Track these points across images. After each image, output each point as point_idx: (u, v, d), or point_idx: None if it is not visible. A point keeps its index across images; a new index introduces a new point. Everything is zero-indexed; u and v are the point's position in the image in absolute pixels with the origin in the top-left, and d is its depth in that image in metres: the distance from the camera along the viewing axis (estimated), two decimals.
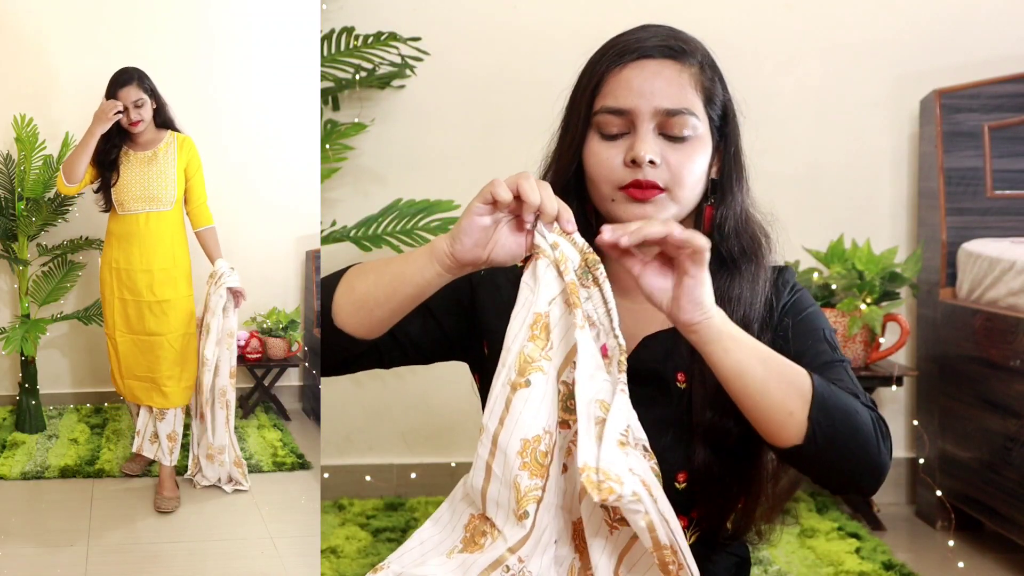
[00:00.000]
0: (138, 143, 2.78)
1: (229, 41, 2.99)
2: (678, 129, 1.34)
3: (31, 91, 2.86)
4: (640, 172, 1.33)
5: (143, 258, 2.79)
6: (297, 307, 3.07)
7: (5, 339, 2.84)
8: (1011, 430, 2.99)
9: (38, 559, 2.67)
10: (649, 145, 1.33)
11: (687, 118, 1.34)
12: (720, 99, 1.41)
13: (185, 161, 2.81)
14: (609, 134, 1.35)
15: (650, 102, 1.34)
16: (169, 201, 2.79)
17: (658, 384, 1.38)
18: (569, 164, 1.39)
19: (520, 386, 1.19)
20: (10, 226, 2.87)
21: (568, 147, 1.39)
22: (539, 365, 1.20)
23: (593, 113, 1.36)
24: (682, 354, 1.39)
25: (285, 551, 2.77)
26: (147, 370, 2.82)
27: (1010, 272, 3.09)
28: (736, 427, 1.34)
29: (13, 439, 2.93)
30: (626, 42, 1.38)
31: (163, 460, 2.85)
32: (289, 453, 3.02)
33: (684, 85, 1.36)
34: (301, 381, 3.18)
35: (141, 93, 2.75)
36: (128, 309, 2.81)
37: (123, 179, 2.77)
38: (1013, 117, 3.46)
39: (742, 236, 1.42)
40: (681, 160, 1.34)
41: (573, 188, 1.40)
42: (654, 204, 1.34)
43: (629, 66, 1.36)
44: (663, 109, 1.34)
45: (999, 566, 3.13)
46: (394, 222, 3.23)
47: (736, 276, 1.40)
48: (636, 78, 1.35)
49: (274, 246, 3.06)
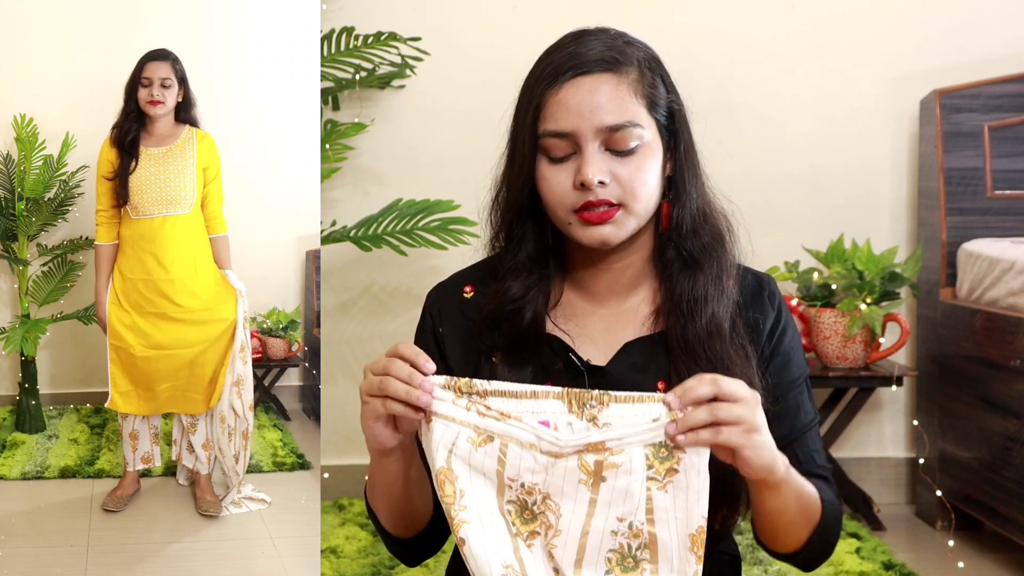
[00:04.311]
0: (153, 134, 2.68)
1: (229, 41, 2.99)
2: (624, 143, 1.32)
3: (31, 91, 2.86)
4: (591, 194, 1.32)
5: (161, 267, 2.69)
6: (297, 307, 3.07)
7: (5, 339, 2.84)
8: (1011, 430, 2.99)
9: (38, 559, 2.67)
10: (595, 166, 1.31)
11: (631, 130, 1.32)
12: (663, 100, 1.37)
13: (206, 161, 2.71)
14: (556, 157, 1.34)
15: (591, 121, 1.32)
16: (188, 203, 2.69)
17: (637, 391, 1.38)
18: (521, 189, 1.37)
19: (461, 544, 1.19)
20: (10, 226, 2.87)
21: (518, 173, 1.37)
22: (461, 518, 1.19)
23: (537, 136, 1.35)
24: (661, 361, 1.38)
25: (285, 551, 2.77)
26: (171, 380, 2.74)
27: (1010, 272, 3.09)
28: None
29: (13, 439, 2.93)
30: (559, 59, 1.36)
31: (201, 470, 2.80)
32: (289, 453, 3.02)
33: (623, 97, 1.33)
34: (301, 381, 3.18)
35: (171, 74, 2.66)
36: (143, 322, 2.71)
37: (137, 176, 2.67)
38: (1013, 117, 3.46)
39: (702, 232, 1.40)
40: (631, 173, 1.33)
41: (528, 209, 1.39)
42: (613, 224, 1.33)
43: (565, 86, 1.33)
44: (606, 126, 1.32)
45: (999, 566, 3.13)
46: (394, 222, 3.23)
47: (700, 274, 1.39)
48: (573, 98, 1.32)
49: (274, 246, 3.06)
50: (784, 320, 1.44)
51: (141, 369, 2.72)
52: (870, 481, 3.65)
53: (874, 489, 3.60)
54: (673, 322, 1.38)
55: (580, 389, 1.21)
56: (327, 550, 3.06)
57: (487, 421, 1.21)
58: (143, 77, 2.66)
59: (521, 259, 1.40)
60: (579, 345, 1.40)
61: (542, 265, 1.41)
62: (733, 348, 1.37)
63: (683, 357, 1.37)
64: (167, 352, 2.72)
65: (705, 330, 1.37)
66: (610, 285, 1.42)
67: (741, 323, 1.40)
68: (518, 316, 1.38)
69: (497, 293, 1.40)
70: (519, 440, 1.20)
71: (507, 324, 1.39)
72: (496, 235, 1.44)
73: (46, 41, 2.86)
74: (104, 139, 2.71)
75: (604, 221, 1.33)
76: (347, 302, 3.64)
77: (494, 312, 1.40)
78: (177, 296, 2.70)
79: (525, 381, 1.36)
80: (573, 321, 1.41)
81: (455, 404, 1.22)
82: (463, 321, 1.45)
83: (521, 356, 1.38)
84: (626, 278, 1.42)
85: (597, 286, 1.42)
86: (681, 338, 1.37)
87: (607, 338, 1.40)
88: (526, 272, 1.40)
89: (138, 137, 2.66)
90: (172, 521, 2.82)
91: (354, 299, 3.65)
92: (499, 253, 1.44)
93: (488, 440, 1.21)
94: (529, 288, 1.39)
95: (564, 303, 1.43)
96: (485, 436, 1.21)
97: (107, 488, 2.84)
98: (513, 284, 1.39)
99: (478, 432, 1.21)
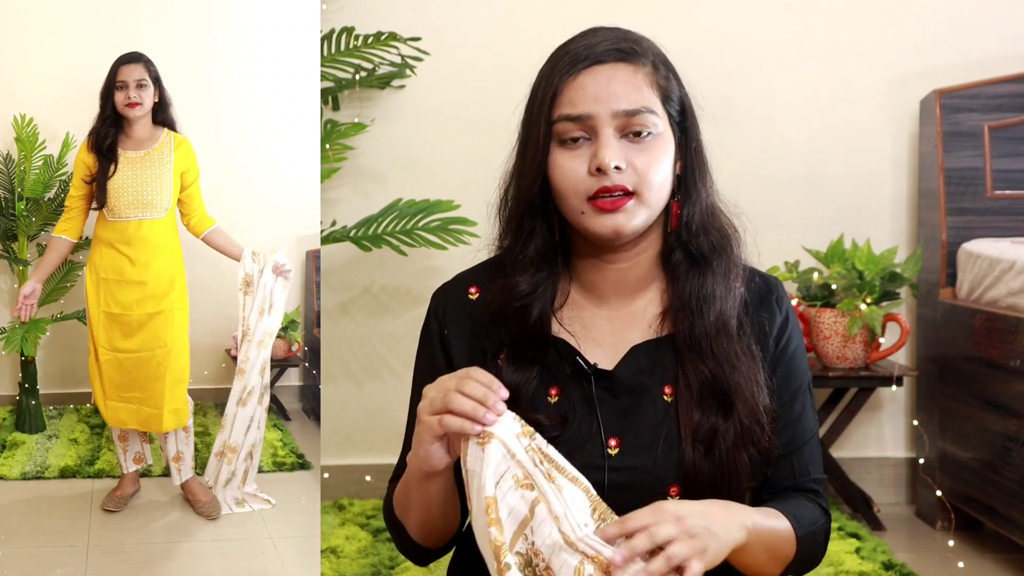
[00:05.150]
0: (132, 137, 2.68)
1: (229, 41, 2.99)
2: (639, 129, 1.34)
3: (31, 91, 2.86)
4: (607, 179, 1.32)
5: (135, 269, 2.69)
6: (297, 307, 3.07)
7: (5, 339, 2.84)
8: (1011, 430, 2.99)
9: (38, 559, 2.67)
10: (612, 151, 1.32)
11: (647, 116, 1.34)
12: (677, 95, 1.39)
13: (183, 166, 2.71)
14: (571, 139, 1.35)
15: (608, 106, 1.33)
16: (164, 207, 2.69)
17: (644, 394, 1.38)
18: (533, 181, 1.38)
19: (504, 571, 1.18)
20: (10, 226, 2.87)
21: (531, 163, 1.38)
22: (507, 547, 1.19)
23: (552, 122, 1.36)
24: (667, 365, 1.39)
25: (285, 551, 2.77)
26: (137, 390, 2.72)
27: (1010, 272, 3.09)
28: (723, 427, 1.35)
29: (13, 439, 2.93)
30: (576, 49, 1.37)
31: (176, 480, 2.80)
32: (289, 453, 3.02)
33: (640, 85, 1.35)
34: (301, 381, 3.18)
35: (145, 75, 2.65)
36: (113, 324, 2.70)
37: (115, 180, 2.66)
38: (1013, 117, 3.46)
39: (710, 231, 1.41)
40: (647, 160, 1.34)
41: (539, 204, 1.39)
42: (625, 212, 1.33)
43: (583, 73, 1.35)
44: (622, 111, 1.33)
45: (999, 566, 3.13)
46: (394, 222, 3.23)
47: (708, 273, 1.39)
48: (591, 84, 1.34)
49: (274, 246, 3.06)
50: (791, 325, 1.45)
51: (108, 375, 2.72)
52: (870, 481, 3.65)
53: (874, 489, 3.60)
54: (680, 321, 1.38)
55: (606, 507, 1.22)
56: (327, 550, 3.06)
57: (536, 471, 1.21)
58: (118, 80, 2.66)
59: (530, 255, 1.40)
60: (585, 348, 1.39)
61: (551, 262, 1.41)
62: (740, 347, 1.38)
63: (690, 356, 1.37)
64: (132, 355, 2.72)
65: (712, 328, 1.37)
66: (617, 285, 1.42)
67: (748, 324, 1.41)
68: (525, 313, 1.38)
69: (504, 289, 1.40)
70: (550, 505, 1.20)
71: (513, 321, 1.39)
72: (504, 232, 1.44)
73: (46, 41, 2.86)
74: (82, 143, 2.71)
75: (617, 208, 1.33)
76: (347, 302, 3.64)
77: (501, 308, 1.40)
78: (147, 300, 2.71)
79: (531, 383, 1.37)
80: (579, 322, 1.41)
81: (517, 439, 1.22)
82: (468, 323, 1.44)
83: (527, 358, 1.38)
84: (633, 278, 1.42)
85: (604, 285, 1.42)
86: (688, 336, 1.37)
87: (613, 341, 1.40)
88: (534, 268, 1.40)
89: (116, 141, 2.66)
90: (172, 521, 2.82)
91: (354, 299, 3.65)
92: (505, 251, 1.44)
93: (529, 487, 1.21)
94: (537, 285, 1.39)
95: (570, 303, 1.43)
96: (528, 483, 1.21)
97: (107, 487, 2.84)
98: (521, 280, 1.39)
99: (525, 475, 1.21)
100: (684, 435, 1.35)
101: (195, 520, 2.82)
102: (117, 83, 2.67)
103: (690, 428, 1.35)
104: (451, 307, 1.46)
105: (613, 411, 1.37)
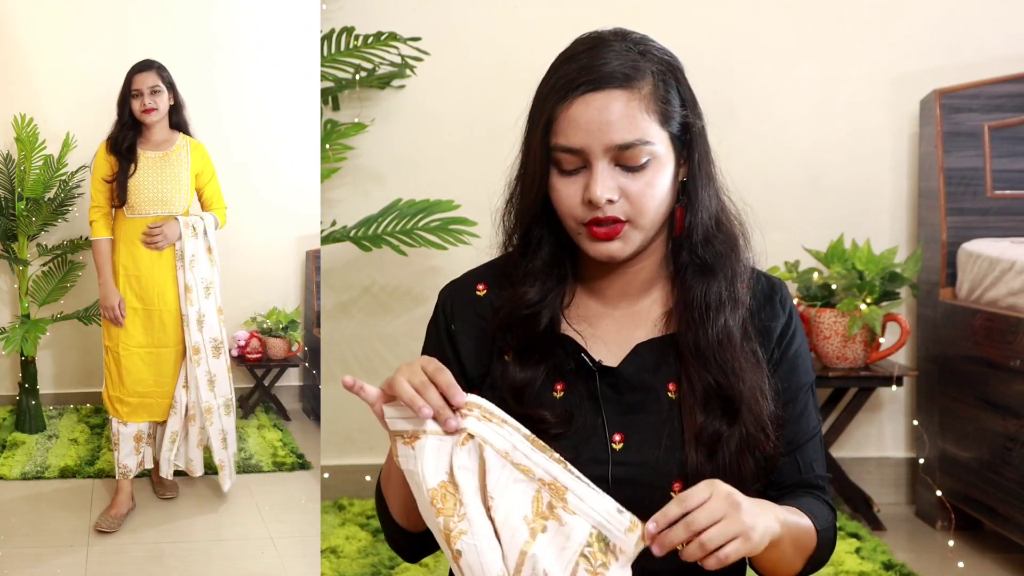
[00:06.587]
0: (151, 140, 2.74)
1: (229, 41, 2.99)
2: (634, 161, 1.32)
3: (31, 91, 2.86)
4: (599, 211, 1.32)
5: (153, 264, 2.76)
6: (297, 307, 3.07)
7: (5, 339, 2.84)
8: (1011, 430, 2.99)
9: (38, 559, 2.67)
10: (604, 184, 1.31)
11: (641, 148, 1.31)
12: (677, 114, 1.36)
13: (198, 167, 2.78)
14: (567, 170, 1.34)
15: (600, 139, 1.31)
16: (182, 205, 2.76)
17: (648, 392, 1.39)
18: (536, 198, 1.38)
19: (457, 557, 1.18)
20: (10, 226, 2.87)
21: (531, 183, 1.38)
22: (461, 528, 1.19)
23: (549, 148, 1.35)
24: (672, 363, 1.39)
25: (285, 551, 2.77)
26: (153, 384, 2.78)
27: (1010, 272, 3.09)
28: (727, 433, 1.35)
29: (13, 439, 2.93)
30: (571, 72, 1.34)
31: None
32: (289, 453, 3.03)
33: (634, 114, 1.32)
34: (301, 381, 3.18)
35: (158, 81, 2.72)
36: (142, 318, 2.76)
37: (136, 179, 2.73)
38: (1013, 117, 3.46)
39: (715, 239, 1.40)
40: (641, 189, 1.32)
41: (543, 216, 1.40)
42: (621, 239, 1.33)
43: (576, 101, 1.32)
44: (615, 145, 1.31)
45: (999, 566, 3.14)
46: (394, 222, 3.23)
47: (713, 281, 1.39)
48: (584, 115, 1.32)
49: (274, 246, 3.06)
50: (794, 326, 1.45)
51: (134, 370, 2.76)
52: (870, 481, 3.65)
53: (874, 489, 3.60)
54: (685, 327, 1.39)
55: (543, 443, 1.22)
56: (327, 550, 3.06)
57: (469, 421, 1.22)
58: (133, 89, 2.74)
59: (537, 265, 1.40)
60: (591, 346, 1.40)
61: (559, 270, 1.41)
62: (743, 355, 1.37)
63: (693, 363, 1.37)
64: (154, 350, 2.76)
65: (716, 338, 1.37)
66: (623, 288, 1.42)
67: (752, 328, 1.41)
68: (534, 321, 1.39)
69: (513, 298, 1.40)
70: (494, 445, 1.21)
71: (522, 328, 1.39)
72: (510, 237, 1.45)
73: (46, 42, 2.86)
74: (99, 146, 2.75)
75: (611, 237, 1.33)
76: (347, 302, 3.64)
77: (509, 316, 1.40)
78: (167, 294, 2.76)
79: (537, 380, 1.37)
80: (586, 322, 1.42)
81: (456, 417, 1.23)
82: (476, 319, 1.45)
83: (534, 356, 1.39)
84: (639, 281, 1.42)
85: (610, 289, 1.42)
86: (692, 344, 1.37)
87: (619, 339, 1.41)
88: (543, 277, 1.40)
89: (135, 143, 2.73)
90: (172, 521, 2.82)
91: (354, 299, 3.65)
92: (512, 254, 1.44)
93: (468, 439, 1.22)
94: (546, 294, 1.40)
95: (577, 304, 1.43)
96: (466, 435, 1.22)
97: (107, 487, 2.84)
98: (530, 290, 1.39)
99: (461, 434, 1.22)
100: (687, 435, 1.36)
101: (195, 520, 2.82)
102: (132, 91, 2.74)
103: (693, 429, 1.36)
104: (459, 303, 1.47)
105: (618, 407, 1.37)
